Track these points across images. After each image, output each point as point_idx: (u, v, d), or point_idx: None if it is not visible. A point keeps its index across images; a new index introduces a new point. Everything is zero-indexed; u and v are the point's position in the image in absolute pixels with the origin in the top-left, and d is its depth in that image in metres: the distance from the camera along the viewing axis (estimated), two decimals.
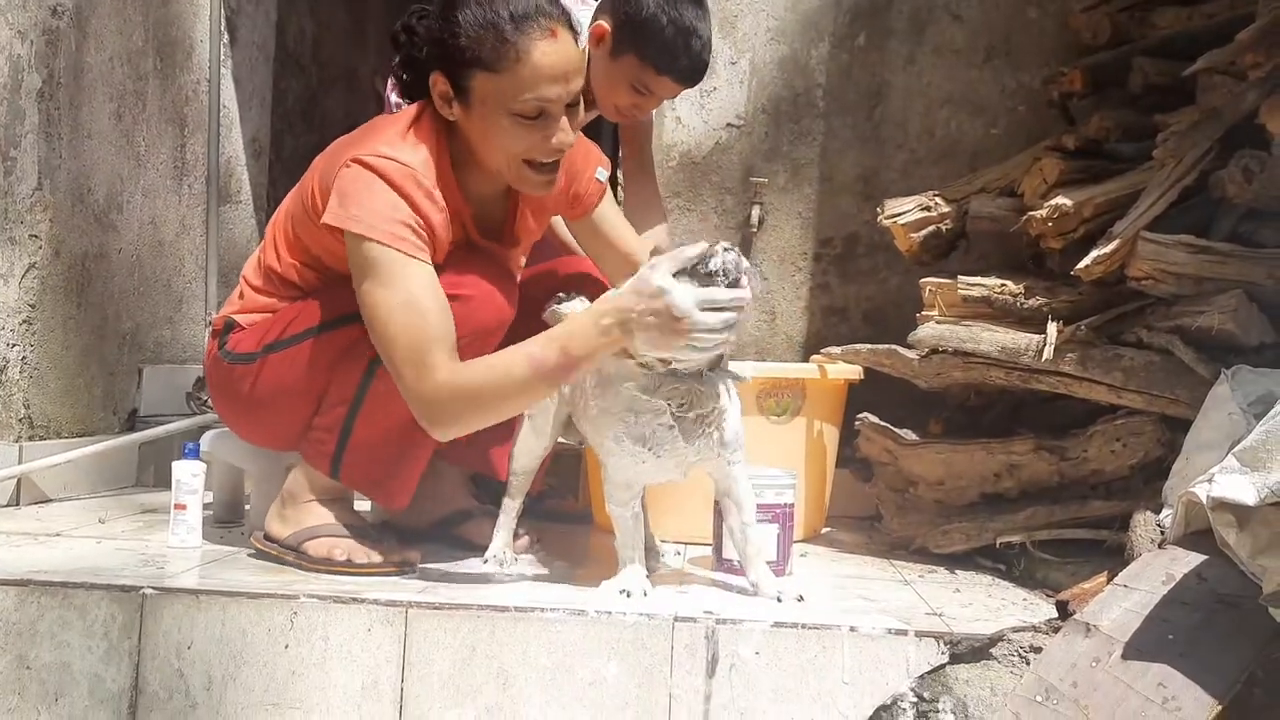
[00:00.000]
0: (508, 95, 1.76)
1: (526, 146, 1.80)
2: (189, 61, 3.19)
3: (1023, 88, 2.96)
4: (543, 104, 1.77)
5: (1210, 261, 1.96)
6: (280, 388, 1.94)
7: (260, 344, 1.95)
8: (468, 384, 1.74)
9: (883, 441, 2.34)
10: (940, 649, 1.64)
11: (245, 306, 2.01)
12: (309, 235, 1.91)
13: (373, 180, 1.77)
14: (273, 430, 2.03)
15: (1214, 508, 1.37)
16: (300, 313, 1.94)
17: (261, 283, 2.01)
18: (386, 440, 1.91)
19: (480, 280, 1.86)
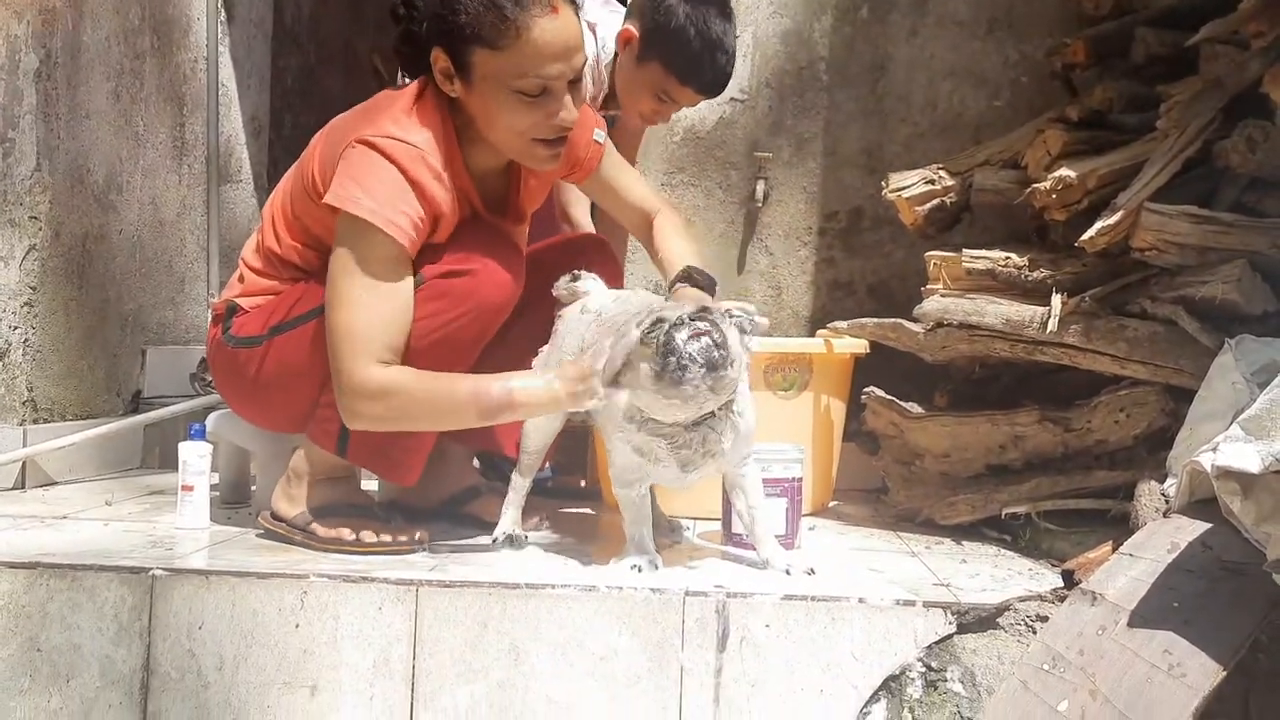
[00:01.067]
0: (509, 73, 1.75)
1: (530, 124, 1.79)
2: (186, 40, 3.17)
3: (1025, 59, 2.95)
4: (545, 82, 1.76)
5: (1214, 231, 1.96)
6: (287, 369, 1.94)
7: (265, 326, 1.95)
8: (402, 383, 1.75)
9: (889, 415, 2.35)
10: (948, 619, 1.65)
11: (247, 290, 2.00)
12: (309, 215, 1.90)
13: (380, 163, 1.76)
14: (280, 412, 2.03)
15: (1219, 476, 1.38)
16: (304, 294, 1.93)
17: (261, 265, 2.00)
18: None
19: (487, 257, 1.85)
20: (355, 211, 1.75)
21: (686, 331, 1.63)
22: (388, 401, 1.76)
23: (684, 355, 1.62)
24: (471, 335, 1.86)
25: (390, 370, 1.76)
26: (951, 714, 1.60)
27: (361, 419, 1.79)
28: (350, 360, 1.75)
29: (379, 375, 1.75)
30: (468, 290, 1.81)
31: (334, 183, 1.79)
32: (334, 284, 1.78)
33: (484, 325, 1.86)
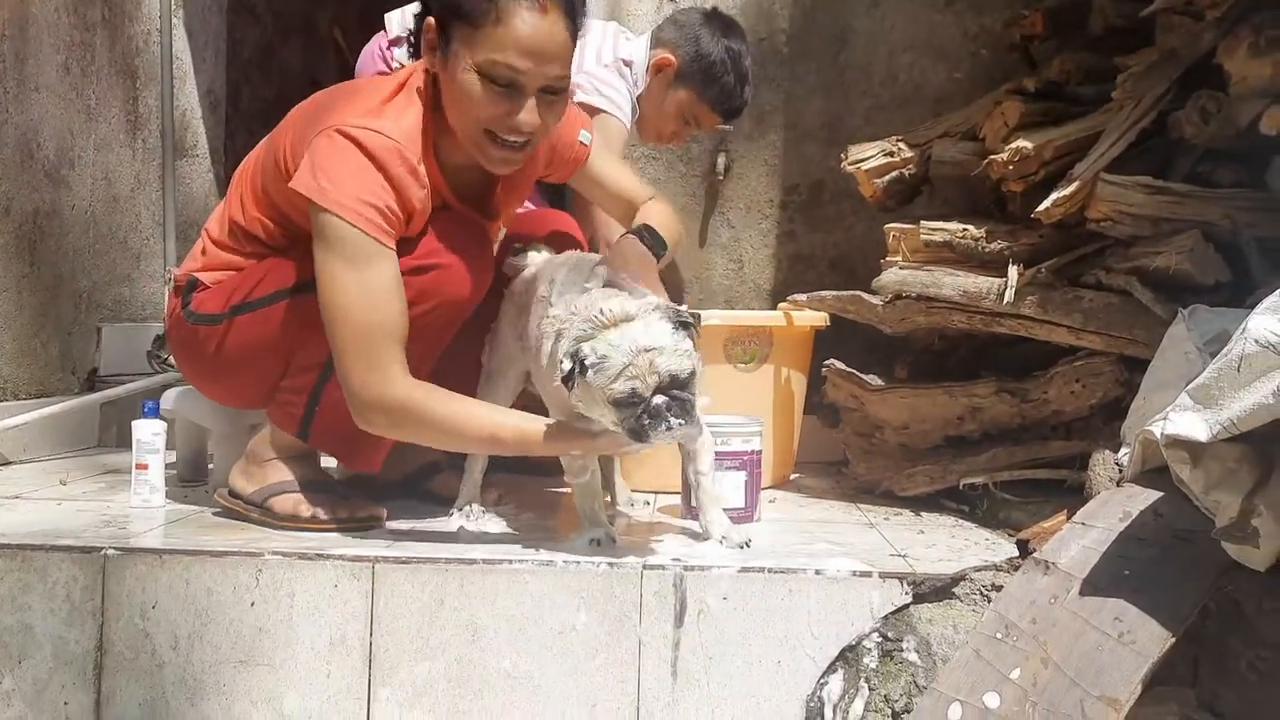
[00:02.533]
0: (479, 52, 1.70)
1: (488, 114, 1.74)
2: (139, 11, 3.11)
3: (985, 31, 2.94)
4: (512, 73, 1.71)
5: (1168, 202, 1.97)
6: (248, 349, 1.92)
7: (227, 305, 1.92)
8: (420, 407, 1.72)
9: (849, 387, 2.35)
10: (904, 589, 1.66)
11: (208, 263, 1.97)
12: (279, 192, 1.85)
13: (352, 153, 1.72)
14: (239, 390, 2.01)
15: (1168, 445, 1.39)
16: (268, 273, 1.90)
17: (225, 237, 1.96)
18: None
19: (455, 251, 1.82)
20: (323, 202, 1.71)
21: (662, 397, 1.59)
22: (403, 418, 1.73)
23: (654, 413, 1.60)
24: (439, 326, 1.85)
25: (408, 388, 1.72)
26: (907, 683, 1.61)
27: (374, 428, 1.77)
28: (365, 373, 1.71)
29: (396, 394, 1.71)
30: (435, 285, 1.79)
31: (302, 168, 1.74)
32: (323, 289, 1.74)
33: (451, 317, 1.85)
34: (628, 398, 1.59)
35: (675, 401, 1.60)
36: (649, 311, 1.62)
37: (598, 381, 1.59)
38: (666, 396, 1.59)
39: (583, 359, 1.59)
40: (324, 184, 1.71)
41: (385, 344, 1.71)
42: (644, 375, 1.58)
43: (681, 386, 1.61)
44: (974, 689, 1.41)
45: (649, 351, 1.58)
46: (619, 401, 1.59)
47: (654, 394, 1.59)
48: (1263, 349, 1.31)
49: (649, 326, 1.61)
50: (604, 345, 1.59)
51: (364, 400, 1.73)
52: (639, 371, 1.58)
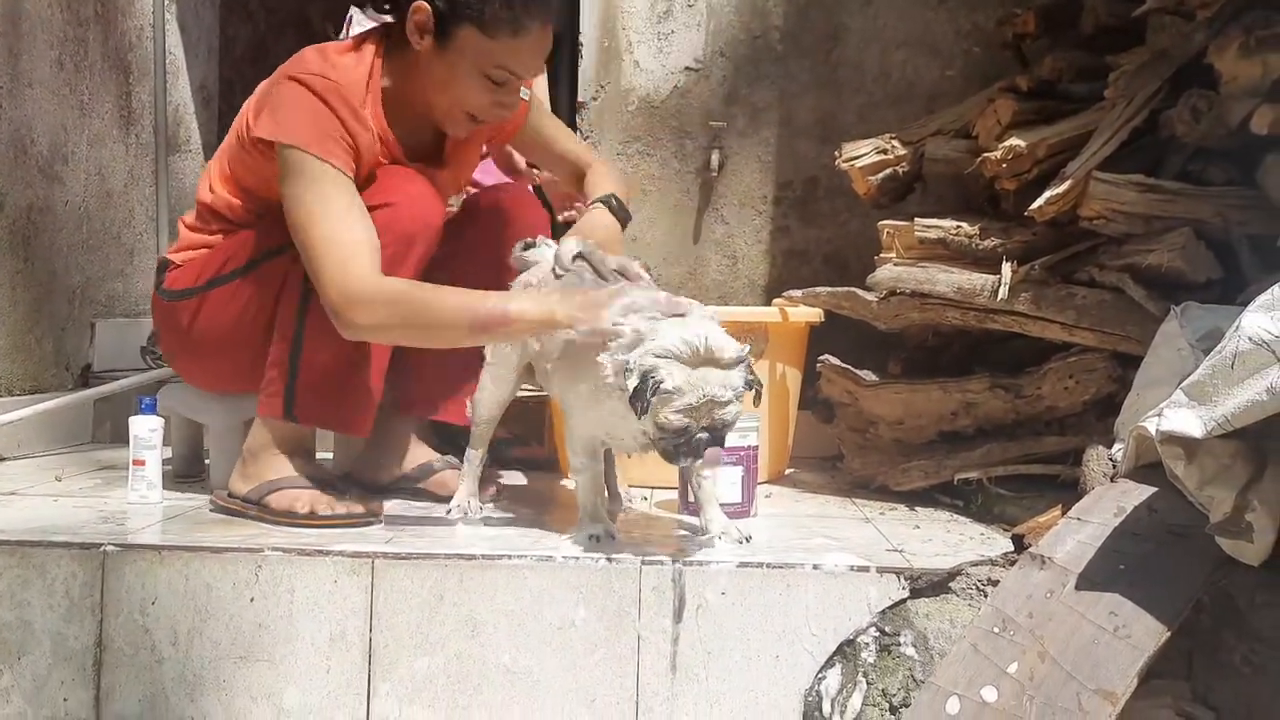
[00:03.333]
0: (488, 58, 1.85)
1: (479, 104, 1.90)
2: (131, 7, 3.10)
3: (977, 29, 2.96)
4: (511, 76, 1.89)
5: (1160, 200, 1.99)
6: (226, 321, 1.98)
7: (199, 279, 2.00)
8: (394, 289, 1.79)
9: (843, 383, 2.37)
10: (901, 584, 1.68)
11: (180, 245, 2.07)
12: (242, 165, 1.96)
13: (303, 94, 1.85)
14: (222, 368, 2.06)
15: (1163, 441, 1.40)
16: (240, 246, 1.98)
17: (194, 219, 2.06)
18: (336, 368, 1.92)
19: (402, 188, 1.91)
20: (284, 139, 1.82)
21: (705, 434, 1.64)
22: (385, 306, 1.78)
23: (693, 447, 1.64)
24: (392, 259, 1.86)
25: (386, 279, 1.80)
26: (905, 677, 1.63)
27: (358, 327, 1.80)
28: (340, 270, 1.78)
29: (373, 280, 1.78)
30: (386, 221, 1.86)
31: (263, 118, 1.86)
32: (292, 218, 1.83)
33: (404, 257, 1.88)
34: (678, 430, 1.63)
35: (713, 440, 1.65)
36: (736, 362, 1.64)
37: (658, 406, 1.62)
38: (709, 434, 1.64)
39: (659, 383, 1.61)
40: (282, 122, 1.83)
41: (358, 248, 1.79)
42: (702, 418, 1.63)
43: (723, 429, 1.66)
44: (971, 683, 1.42)
45: (716, 402, 1.63)
46: (667, 428, 1.63)
47: (700, 432, 1.64)
48: (1256, 346, 1.33)
49: (728, 378, 1.64)
50: (682, 378, 1.61)
51: (345, 297, 1.77)
52: (700, 415, 1.63)
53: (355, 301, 1.77)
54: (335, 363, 1.92)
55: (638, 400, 1.62)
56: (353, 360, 1.93)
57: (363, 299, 1.77)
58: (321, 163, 1.81)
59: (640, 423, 1.66)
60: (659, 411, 1.62)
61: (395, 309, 1.78)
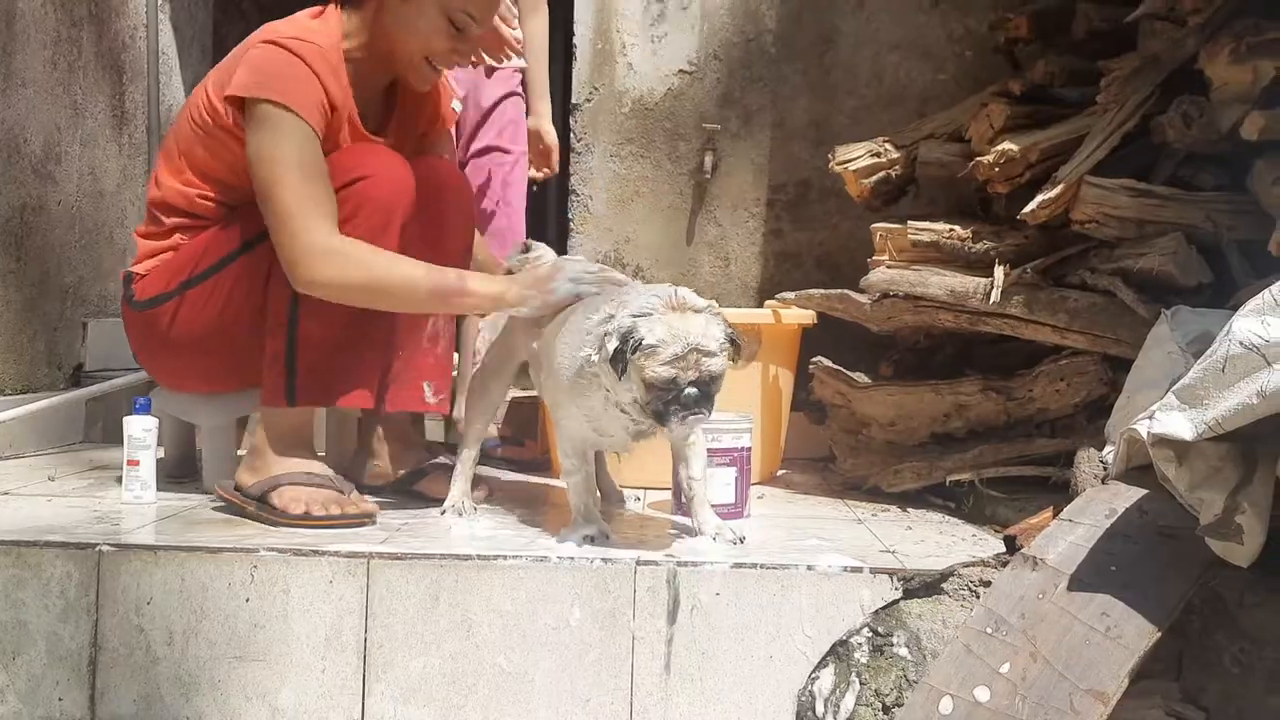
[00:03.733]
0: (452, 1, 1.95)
1: (439, 47, 1.99)
2: (125, 7, 3.10)
3: (970, 33, 2.98)
4: (470, 21, 1.98)
5: (1151, 205, 2.01)
6: (208, 321, 1.99)
7: (174, 281, 1.99)
8: (358, 248, 1.85)
9: (836, 384, 2.38)
10: (894, 585, 1.69)
11: (138, 256, 2.08)
12: (206, 148, 1.97)
13: (282, 54, 1.89)
14: (204, 368, 2.06)
15: (1154, 443, 1.42)
16: (209, 244, 1.98)
17: (146, 225, 2.07)
18: (334, 347, 1.94)
19: (376, 160, 1.95)
20: (263, 95, 1.85)
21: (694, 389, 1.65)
22: (344, 261, 1.84)
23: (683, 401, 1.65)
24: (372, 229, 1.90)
25: (346, 239, 1.86)
26: (898, 677, 1.64)
27: (317, 283, 1.85)
28: (303, 225, 1.83)
29: (336, 238, 1.85)
30: (365, 191, 1.90)
31: (238, 77, 1.88)
32: (261, 167, 1.87)
33: (383, 221, 1.92)
34: (665, 383, 1.64)
35: (703, 395, 1.66)
36: (713, 313, 1.69)
37: (644, 363, 1.63)
38: (697, 389, 1.65)
39: (639, 339, 1.63)
40: (260, 79, 1.87)
41: (322, 206, 1.85)
42: (688, 369, 1.64)
43: (711, 384, 1.67)
44: (964, 683, 1.43)
45: (700, 350, 1.64)
46: (654, 384, 1.64)
47: (688, 385, 1.64)
48: (1246, 350, 1.34)
49: (709, 325, 1.67)
50: (662, 328, 1.64)
51: (309, 251, 1.84)
52: (686, 364, 1.64)
53: (318, 255, 1.83)
54: (333, 343, 1.94)
55: (618, 362, 1.63)
56: (350, 337, 1.95)
57: (326, 253, 1.83)
58: (295, 118, 1.85)
59: (627, 389, 1.66)
60: (644, 368, 1.63)
61: (358, 267, 1.85)
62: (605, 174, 3.06)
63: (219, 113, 1.93)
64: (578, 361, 1.74)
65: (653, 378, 1.64)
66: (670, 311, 1.66)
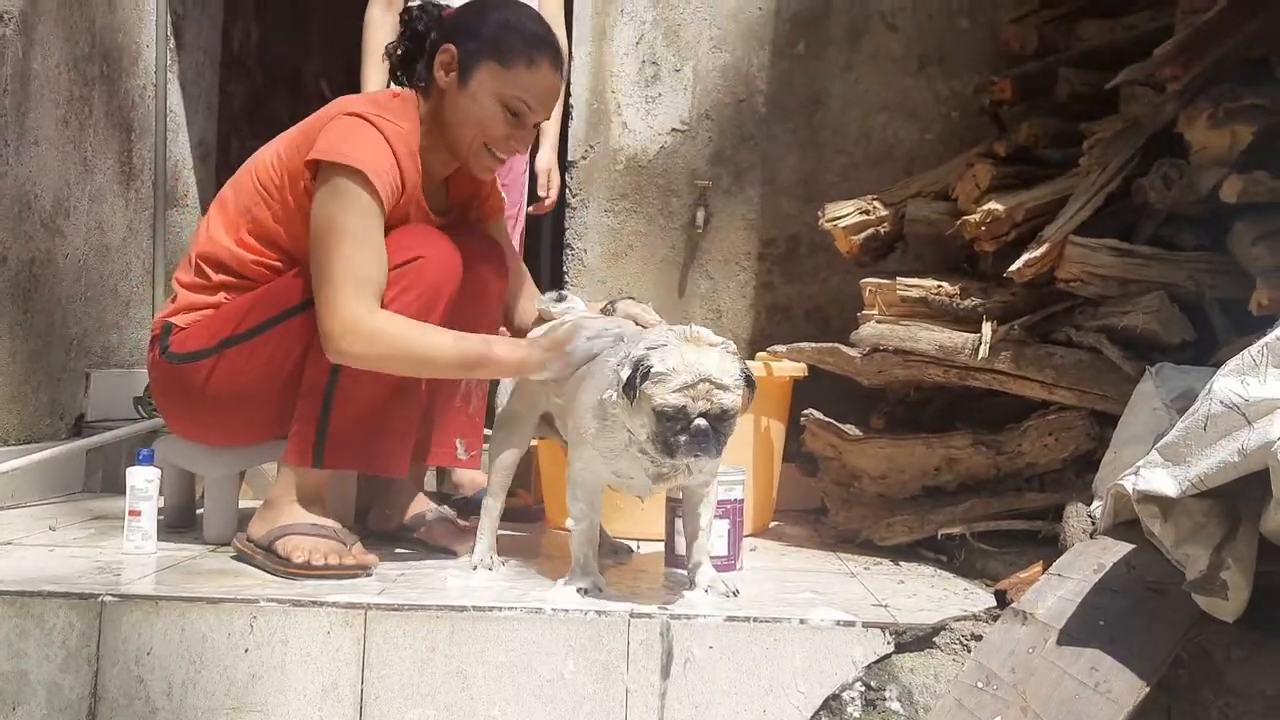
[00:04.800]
0: (506, 87, 2.01)
1: (497, 135, 2.04)
2: (135, 67, 3.16)
3: (956, 95, 3.05)
4: (526, 109, 2.03)
5: (1134, 264, 2.06)
6: (243, 380, 2.01)
7: (215, 339, 2.01)
8: (392, 330, 1.90)
9: (827, 437, 2.40)
10: (886, 639, 1.70)
11: (179, 307, 2.08)
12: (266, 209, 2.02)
13: (368, 129, 1.96)
14: (234, 425, 2.09)
15: (1140, 500, 1.45)
16: (254, 305, 2.01)
17: (190, 275, 2.09)
18: (367, 415, 1.98)
19: (428, 243, 2.00)
20: (345, 160, 1.91)
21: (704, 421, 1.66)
22: (377, 340, 1.89)
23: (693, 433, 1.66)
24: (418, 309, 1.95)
25: (385, 316, 1.91)
26: None
27: (348, 357, 1.91)
28: (345, 298, 1.88)
29: (374, 317, 1.90)
30: (417, 273, 1.95)
31: (321, 142, 1.94)
32: (321, 230, 1.92)
33: (430, 302, 1.97)
34: (675, 412, 1.65)
35: (715, 431, 1.66)
36: (728, 349, 1.71)
37: (654, 390, 1.64)
38: (707, 421, 1.66)
39: (649, 366, 1.65)
40: (342, 147, 1.93)
41: (372, 284, 1.91)
42: (699, 398, 1.65)
43: (723, 420, 1.67)
44: None
45: (711, 382, 1.65)
46: (664, 413, 1.65)
47: (699, 417, 1.65)
48: (1227, 409, 1.38)
49: (723, 360, 1.68)
50: (675, 357, 1.66)
51: (345, 326, 1.88)
52: (697, 394, 1.65)
53: (353, 332, 1.88)
54: (366, 413, 1.98)
55: (630, 390, 1.65)
56: (383, 411, 1.99)
57: (360, 331, 1.88)
58: (366, 191, 1.91)
59: (640, 423, 1.67)
60: (654, 395, 1.64)
61: (389, 346, 1.90)
62: (600, 228, 3.12)
63: (294, 177, 1.98)
64: (601, 402, 1.75)
65: (662, 405, 1.64)
66: (684, 343, 1.68)
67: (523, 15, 2.07)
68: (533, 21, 2.07)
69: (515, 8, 2.10)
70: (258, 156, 2.08)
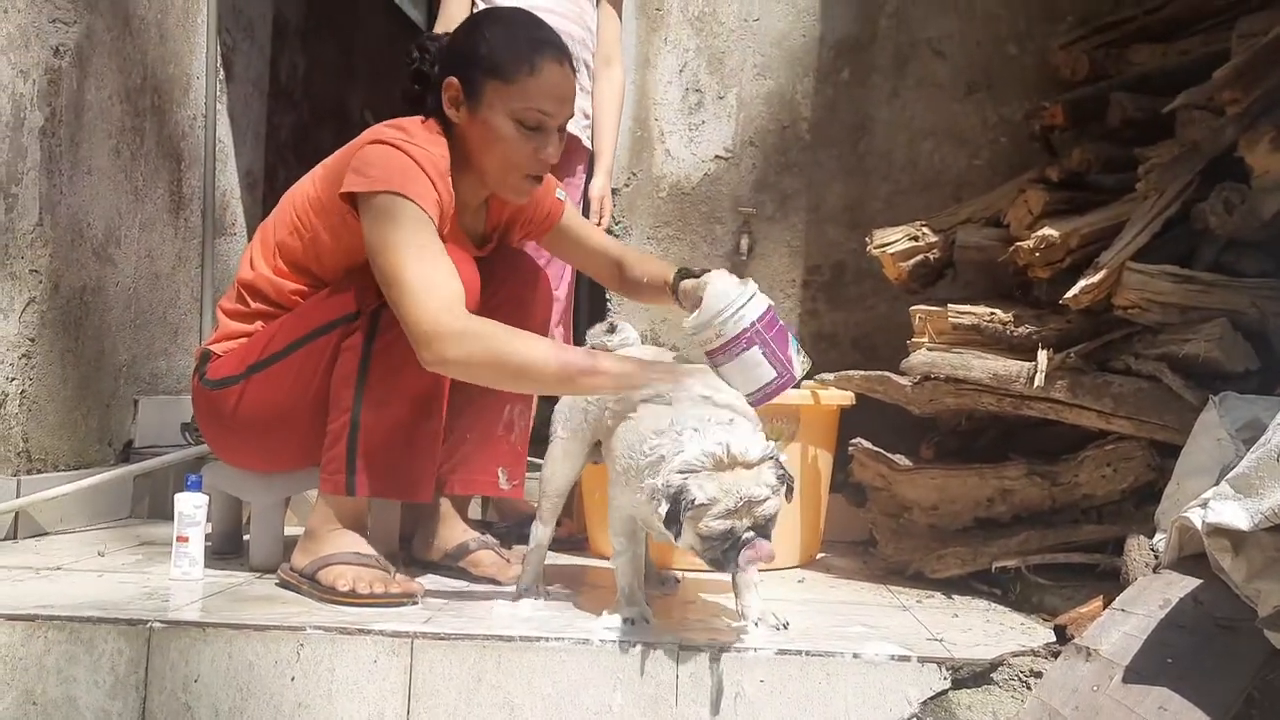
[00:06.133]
0: (515, 101, 1.92)
1: (521, 155, 1.95)
2: (186, 98, 3.21)
3: (1004, 121, 3.02)
4: (541, 117, 1.93)
5: (1195, 290, 2.02)
6: (269, 405, 2.01)
7: (243, 365, 2.03)
8: (487, 327, 1.79)
9: (876, 467, 2.37)
10: (942, 675, 1.66)
11: (220, 335, 2.11)
12: (298, 239, 2.00)
13: (399, 155, 1.89)
14: (266, 450, 2.09)
15: (1209, 533, 1.40)
16: (279, 330, 2.01)
17: (233, 302, 2.10)
18: (394, 436, 1.96)
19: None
20: (375, 188, 1.86)
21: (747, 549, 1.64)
22: (473, 342, 1.77)
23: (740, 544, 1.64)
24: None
25: (476, 318, 1.81)
26: None
27: (447, 360, 1.79)
28: (434, 305, 1.78)
29: (464, 318, 1.79)
30: None
31: (350, 175, 1.89)
32: (383, 255, 1.84)
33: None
34: (722, 535, 1.63)
35: (759, 537, 1.65)
36: (766, 461, 1.66)
37: (697, 520, 1.63)
38: (753, 533, 1.64)
39: (690, 500, 1.62)
40: (376, 175, 1.87)
41: (447, 285, 1.81)
42: (743, 517, 1.63)
43: (769, 524, 1.66)
44: None
45: (753, 501, 1.63)
46: (711, 536, 1.63)
47: (745, 531, 1.64)
48: None
49: (760, 475, 1.65)
50: (714, 487, 1.62)
51: (437, 329, 1.77)
52: (740, 515, 1.63)
53: (448, 334, 1.77)
54: (394, 434, 1.96)
55: (671, 524, 1.63)
56: (410, 430, 1.97)
57: (454, 332, 1.77)
58: (415, 206, 1.84)
59: (684, 539, 1.66)
60: (698, 523, 1.63)
61: (487, 346, 1.78)
62: None
63: (326, 208, 1.96)
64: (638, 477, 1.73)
65: (708, 532, 1.63)
66: (720, 471, 1.64)
67: (514, 21, 1.99)
68: (526, 25, 1.97)
69: (505, 17, 2.02)
70: (296, 187, 2.07)
